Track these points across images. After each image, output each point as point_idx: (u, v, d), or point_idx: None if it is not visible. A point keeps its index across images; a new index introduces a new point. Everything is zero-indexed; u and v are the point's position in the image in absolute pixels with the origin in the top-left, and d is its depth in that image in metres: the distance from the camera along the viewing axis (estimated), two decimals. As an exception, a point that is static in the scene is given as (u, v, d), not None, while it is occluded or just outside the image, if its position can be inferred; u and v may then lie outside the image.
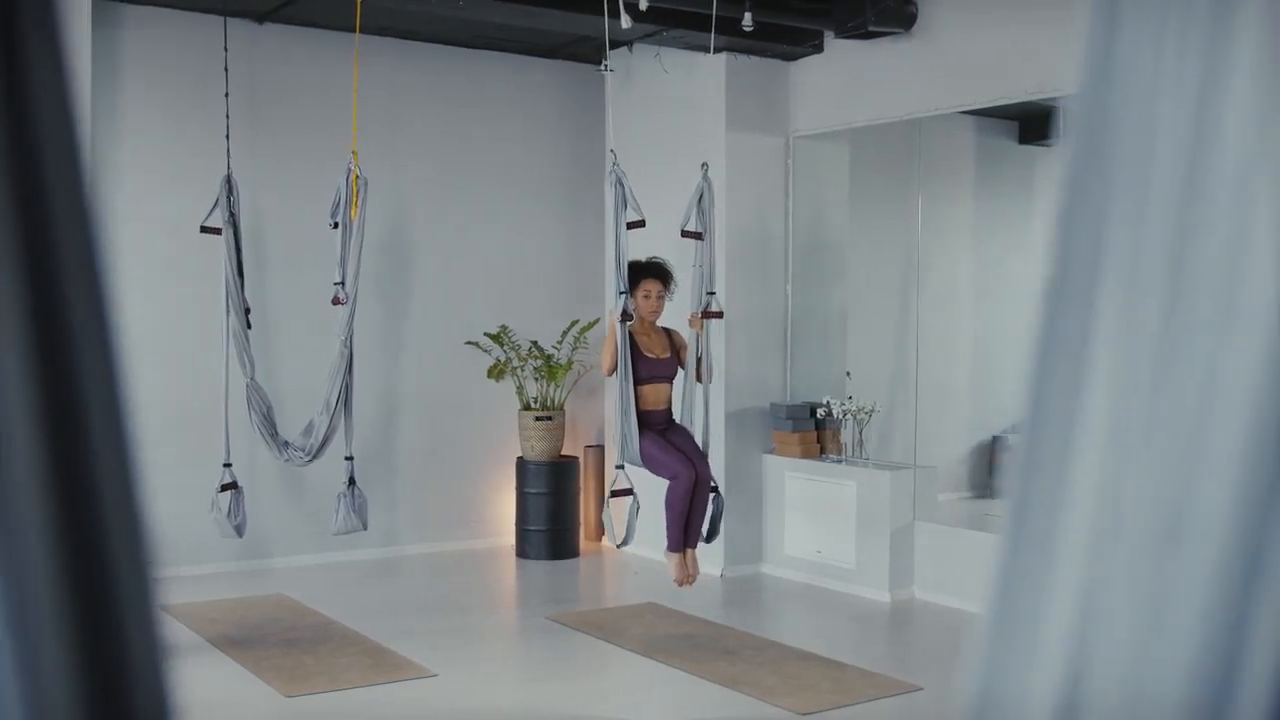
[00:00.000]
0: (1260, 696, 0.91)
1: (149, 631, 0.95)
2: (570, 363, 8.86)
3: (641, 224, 5.83)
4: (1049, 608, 1.02)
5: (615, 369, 5.89)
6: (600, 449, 9.22)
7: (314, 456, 6.58)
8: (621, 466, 6.05)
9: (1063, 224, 1.03)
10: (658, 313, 6.13)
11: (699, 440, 6.13)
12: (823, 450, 8.16)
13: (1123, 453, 0.97)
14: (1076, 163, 1.03)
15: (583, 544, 8.88)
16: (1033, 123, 9.15)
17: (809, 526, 8.04)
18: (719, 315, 6.22)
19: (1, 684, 0.87)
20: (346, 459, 6.59)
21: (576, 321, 8.92)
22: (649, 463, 5.94)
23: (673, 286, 6.16)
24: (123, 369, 0.94)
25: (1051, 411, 1.02)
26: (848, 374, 8.54)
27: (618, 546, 6.18)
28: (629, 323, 5.90)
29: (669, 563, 6.08)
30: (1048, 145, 9.17)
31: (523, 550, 8.70)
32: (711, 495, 6.09)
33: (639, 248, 6.05)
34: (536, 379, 8.80)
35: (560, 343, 8.86)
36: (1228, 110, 0.94)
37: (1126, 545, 0.97)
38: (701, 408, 6.18)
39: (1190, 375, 0.94)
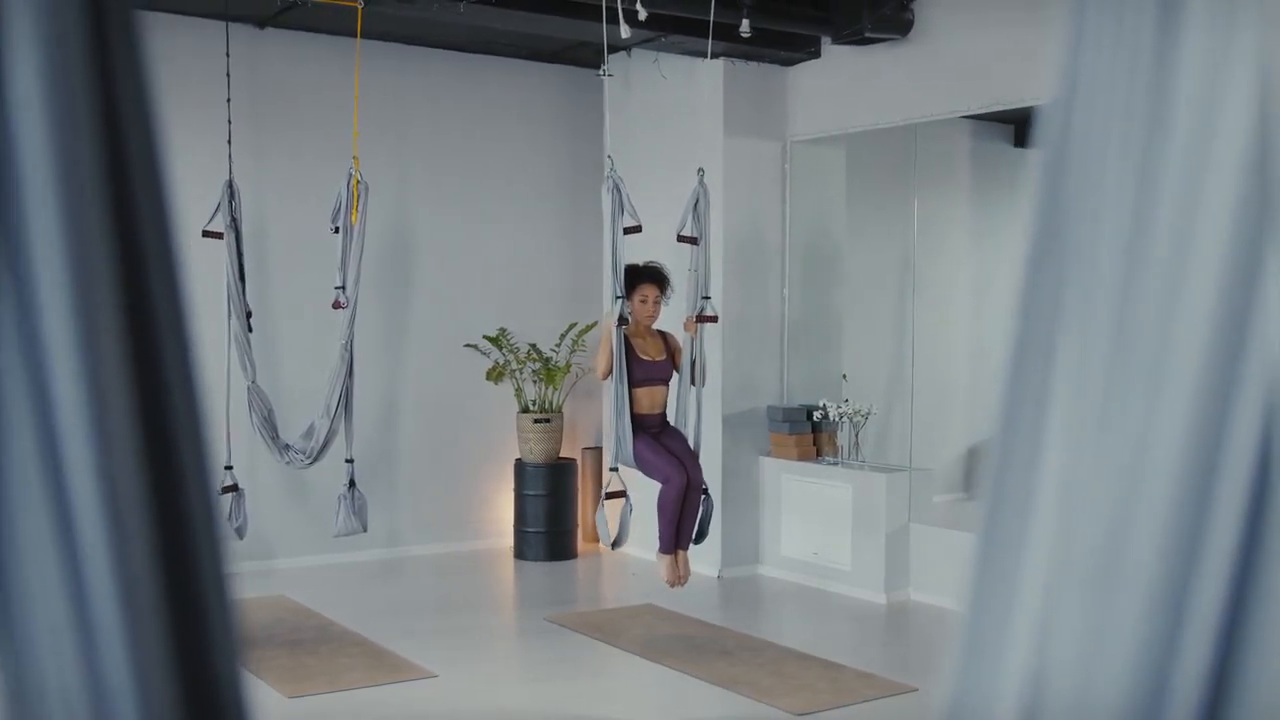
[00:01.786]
0: (1188, 711, 1.01)
1: (229, 624, 1.02)
2: (569, 365, 8.91)
3: (638, 229, 5.87)
4: (1012, 631, 1.12)
5: (610, 373, 5.92)
6: (598, 451, 9.26)
7: (315, 459, 6.63)
8: (615, 469, 6.08)
9: (1025, 291, 1.13)
10: (654, 317, 6.16)
11: (692, 444, 6.17)
12: (819, 453, 8.21)
13: (1074, 497, 1.07)
14: (1040, 222, 1.12)
15: (581, 545, 8.93)
16: (1028, 127, 9.21)
17: (805, 528, 8.09)
18: (714, 319, 6.26)
19: (119, 681, 0.93)
20: (347, 461, 6.63)
21: (575, 324, 8.97)
22: (642, 465, 5.98)
23: (669, 291, 6.20)
24: (199, 366, 1.01)
25: (1015, 459, 1.12)
26: (844, 377, 8.59)
27: (611, 548, 6.24)
28: (625, 327, 5.94)
29: (660, 564, 6.14)
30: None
31: (521, 552, 8.76)
32: (702, 498, 6.14)
33: (636, 252, 6.10)
34: (535, 381, 8.85)
35: (558, 345, 8.91)
36: (1167, 165, 1.02)
37: (1076, 580, 1.06)
38: (695, 411, 6.23)
39: (1128, 432, 1.04)
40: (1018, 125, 9.36)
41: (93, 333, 0.93)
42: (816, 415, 8.15)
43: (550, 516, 8.71)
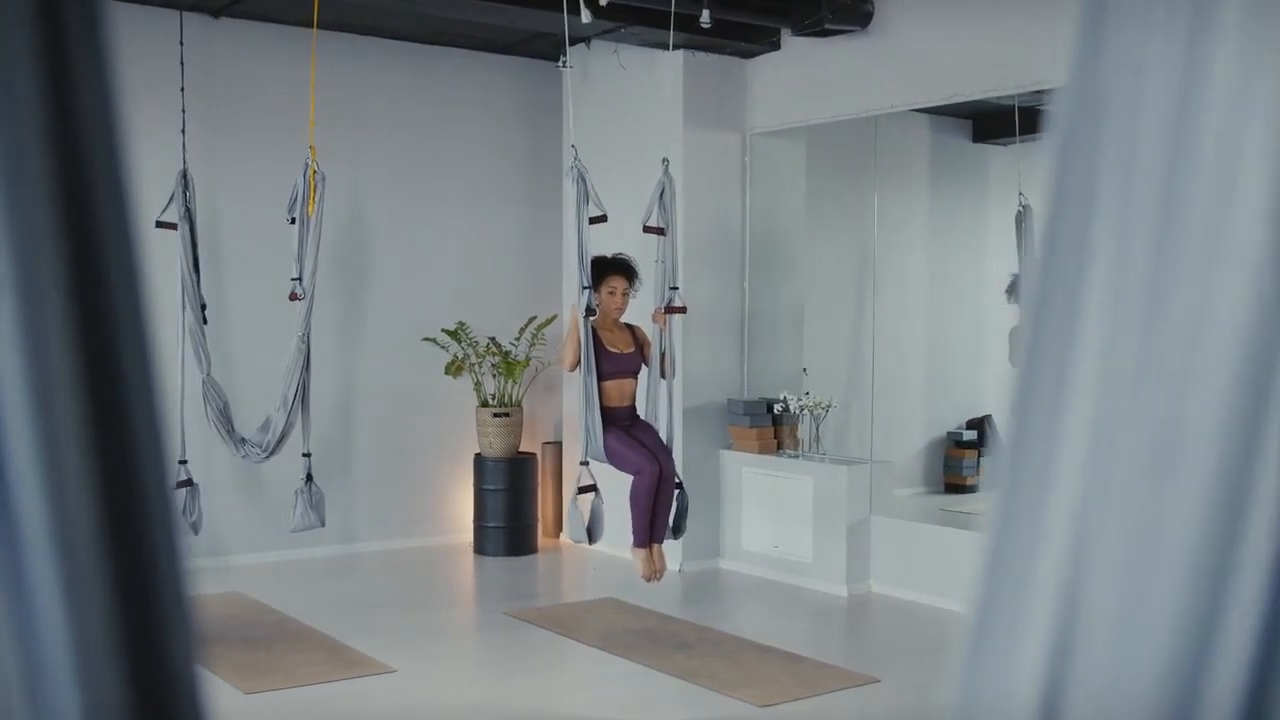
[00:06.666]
0: (1248, 621, 0.96)
1: (185, 624, 0.97)
2: (528, 359, 8.86)
3: (604, 219, 5.83)
4: (1042, 540, 1.06)
5: (578, 364, 5.87)
6: (558, 445, 9.22)
7: (271, 453, 6.54)
8: (586, 463, 5.99)
9: (1057, 174, 1.07)
10: (622, 310, 6.12)
11: (663, 436, 6.13)
12: (780, 446, 8.21)
13: (1115, 391, 1.01)
14: (1068, 119, 1.06)
15: (541, 540, 8.88)
16: (985, 122, 9.25)
17: (766, 521, 8.08)
18: (682, 310, 6.23)
19: (61, 683, 0.88)
20: (304, 455, 6.54)
21: (534, 318, 8.92)
22: (613, 458, 5.91)
23: (637, 284, 6.16)
24: (156, 357, 0.96)
25: (1046, 356, 1.06)
26: (804, 370, 8.59)
27: (590, 544, 6.13)
28: (592, 318, 5.89)
29: (635, 559, 6.05)
30: (1001, 144, 9.27)
31: (480, 547, 8.70)
32: (676, 491, 6.09)
33: (598, 244, 6.06)
34: (494, 375, 8.79)
35: (518, 339, 8.86)
36: (1214, 62, 0.98)
37: (1119, 480, 1.01)
38: (665, 404, 6.19)
39: (1180, 312, 0.98)
40: (976, 120, 9.39)
41: (39, 320, 0.88)
42: (777, 408, 8.14)
43: (510, 511, 8.66)
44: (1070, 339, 1.04)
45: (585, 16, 5.92)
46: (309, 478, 6.57)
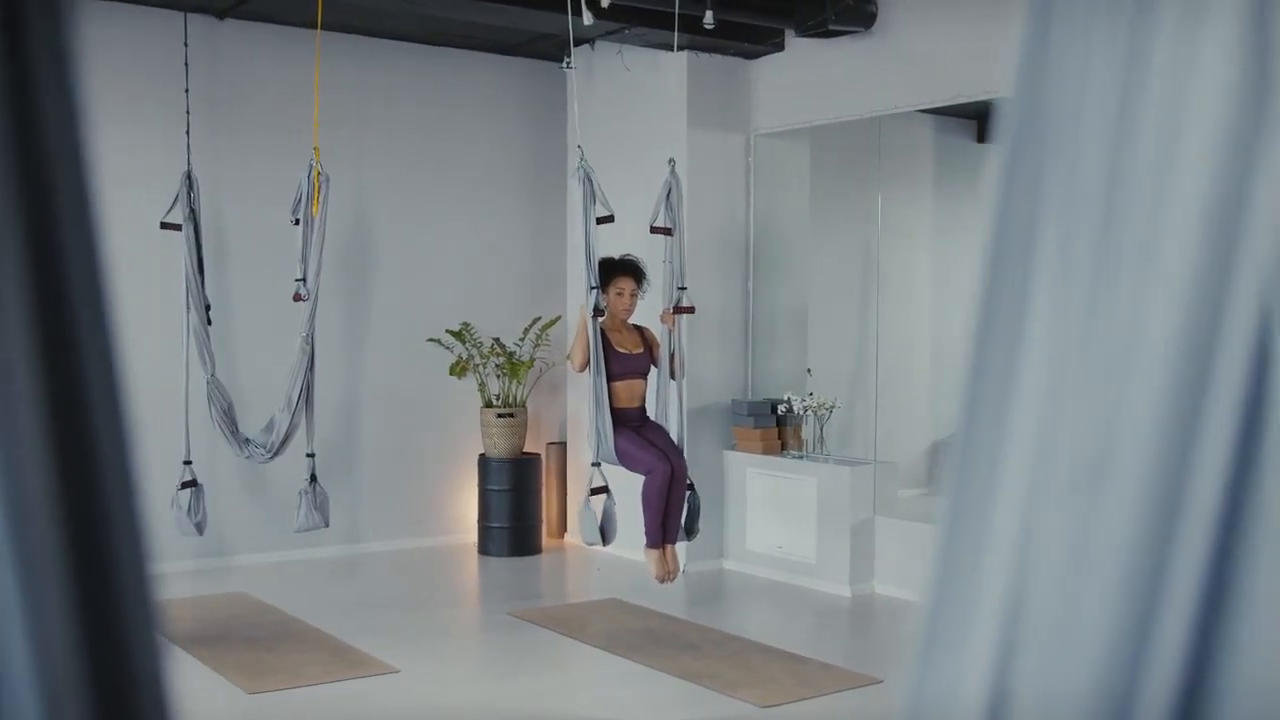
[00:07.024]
0: (1184, 620, 0.97)
1: (149, 628, 0.96)
2: (532, 360, 8.87)
3: (611, 219, 5.83)
4: (989, 538, 1.08)
5: (587, 365, 5.87)
6: (563, 446, 9.23)
7: (275, 453, 6.57)
8: (597, 464, 5.97)
9: (1002, 194, 1.09)
10: (631, 311, 6.12)
11: (674, 436, 6.12)
12: (784, 446, 8.21)
13: (1059, 390, 1.03)
14: (1014, 137, 1.09)
15: (545, 540, 8.89)
16: (991, 122, 9.23)
17: (770, 522, 8.08)
18: (691, 310, 6.23)
19: (20, 686, 0.88)
20: (308, 456, 6.56)
21: (538, 318, 8.93)
22: (624, 459, 5.90)
23: (645, 285, 6.16)
24: (123, 367, 0.96)
25: (994, 355, 1.08)
26: (808, 371, 8.59)
27: (604, 546, 6.10)
28: (601, 319, 5.89)
29: (648, 560, 6.04)
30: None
31: (485, 547, 8.71)
32: (687, 493, 6.09)
33: (604, 244, 6.06)
34: (498, 376, 8.80)
35: (522, 340, 8.87)
36: (1153, 61, 0.99)
37: (1061, 478, 1.02)
38: (675, 404, 6.18)
39: (1119, 312, 1.00)
40: (980, 121, 9.38)
41: None
42: (781, 409, 8.15)
43: (514, 512, 8.67)
44: (1017, 338, 1.06)
45: (587, 18, 5.92)
46: (313, 478, 6.59)
